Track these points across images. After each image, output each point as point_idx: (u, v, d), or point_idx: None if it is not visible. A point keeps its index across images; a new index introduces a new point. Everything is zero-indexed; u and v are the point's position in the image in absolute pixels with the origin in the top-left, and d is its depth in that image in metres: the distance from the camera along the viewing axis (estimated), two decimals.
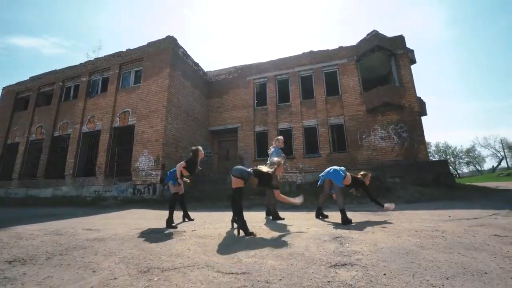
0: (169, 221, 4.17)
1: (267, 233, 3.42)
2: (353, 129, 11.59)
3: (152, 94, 11.00)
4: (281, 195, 3.60)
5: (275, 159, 3.85)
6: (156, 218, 5.51)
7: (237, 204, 3.49)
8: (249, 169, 3.60)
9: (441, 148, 41.42)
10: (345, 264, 2.13)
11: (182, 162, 4.47)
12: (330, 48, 12.99)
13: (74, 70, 13.42)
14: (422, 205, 5.95)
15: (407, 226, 3.41)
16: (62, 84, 13.60)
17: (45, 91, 14.27)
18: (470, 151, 41.21)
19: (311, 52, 13.12)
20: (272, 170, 3.61)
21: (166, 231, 3.78)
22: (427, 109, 12.89)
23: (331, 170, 4.46)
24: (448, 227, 3.26)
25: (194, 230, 3.78)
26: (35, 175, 12.70)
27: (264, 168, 3.62)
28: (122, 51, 12.30)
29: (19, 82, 15.05)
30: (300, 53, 13.37)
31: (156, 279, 2.03)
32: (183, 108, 11.81)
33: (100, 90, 12.59)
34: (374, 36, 11.48)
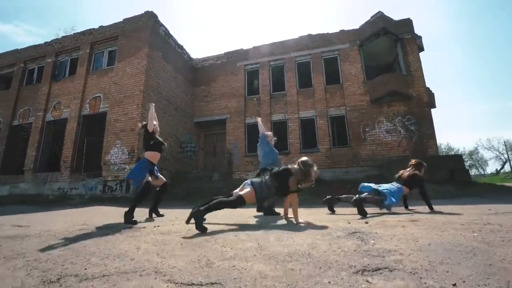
0: (128, 215, 3.34)
1: (254, 227, 2.65)
2: (356, 122, 10.97)
3: (127, 77, 10.10)
4: (297, 200, 3.04)
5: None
6: (119, 215, 4.64)
7: (223, 204, 2.81)
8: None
9: (443, 150, 41.59)
10: (380, 269, 1.38)
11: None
12: (331, 31, 12.38)
13: (38, 50, 12.34)
14: (441, 202, 5.31)
15: (443, 219, 2.71)
16: (23, 65, 12.49)
17: (3, 73, 13.09)
18: (473, 153, 41.56)
19: (310, 36, 12.47)
20: (303, 165, 3.00)
21: (123, 227, 2.97)
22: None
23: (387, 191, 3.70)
24: (501, 220, 2.56)
25: (158, 226, 2.98)
26: None
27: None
28: (94, 29, 11.35)
29: None
30: (297, 36, 12.71)
31: None
32: (164, 95, 10.94)
33: (68, 73, 11.57)
34: (380, 18, 10.92)
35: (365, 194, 3.74)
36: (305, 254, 1.66)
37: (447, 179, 8.53)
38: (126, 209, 3.43)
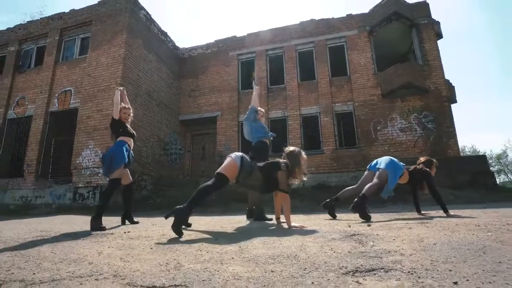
0: (95, 220, 3.29)
1: (239, 232, 2.63)
2: (365, 118, 11.01)
3: (102, 67, 10.09)
4: (288, 199, 2.96)
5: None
6: (87, 223, 4.61)
7: (203, 191, 2.76)
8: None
9: (468, 152, 41.76)
10: (374, 270, 1.37)
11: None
12: (336, 16, 12.47)
13: (0, 37, 12.32)
14: (461, 207, 5.32)
15: (458, 221, 2.71)
16: None
17: None
18: (501, 157, 41.74)
19: (312, 21, 12.56)
20: (288, 159, 2.91)
21: (89, 233, 2.94)
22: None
23: (388, 161, 3.86)
24: None
25: (128, 232, 2.95)
26: None
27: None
28: (64, 12, 11.36)
29: None
30: (298, 22, 12.79)
31: None
32: (144, 88, 10.94)
33: (34, 64, 11.55)
34: (392, 0, 11.03)
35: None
36: (291, 256, 1.65)
37: (470, 183, 8.57)
38: (106, 218, 3.39)
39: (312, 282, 1.23)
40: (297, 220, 4.13)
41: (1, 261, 1.84)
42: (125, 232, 2.91)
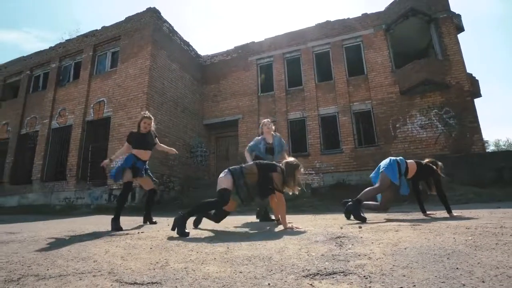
0: (114, 221, 3.58)
1: (237, 233, 2.75)
2: (384, 117, 10.70)
3: (130, 78, 10.66)
4: (283, 200, 3.03)
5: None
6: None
7: (207, 205, 3.01)
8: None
9: (503, 146, 38.79)
10: (334, 273, 1.43)
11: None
12: (352, 16, 12.20)
13: (42, 56, 13.40)
14: (478, 206, 5.06)
15: (453, 223, 2.64)
16: (30, 72, 13.62)
17: (12, 82, 14.37)
18: None
19: (328, 23, 12.39)
20: (284, 168, 3.00)
21: (108, 234, 3.20)
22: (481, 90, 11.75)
23: (386, 163, 3.79)
24: None
25: (142, 232, 3.18)
26: (1, 181, 12.66)
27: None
28: (96, 30, 12.13)
29: None
30: (314, 24, 12.68)
31: None
32: (169, 96, 11.39)
33: (72, 78, 12.44)
34: None
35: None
36: (266, 258, 1.74)
37: (495, 180, 8.06)
38: (124, 217, 3.67)
39: (269, 284, 1.32)
40: (303, 220, 4.18)
41: (26, 258, 2.10)
42: (138, 233, 3.14)
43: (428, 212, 3.85)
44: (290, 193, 3.04)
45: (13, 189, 12.11)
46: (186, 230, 2.84)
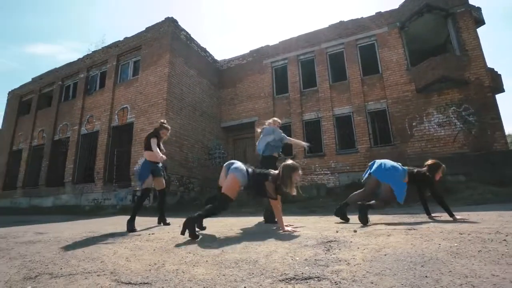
0: (129, 224, 3.81)
1: (239, 234, 2.86)
2: (400, 115, 10.41)
3: (151, 85, 11.07)
4: (278, 206, 3.07)
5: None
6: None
7: (213, 210, 3.11)
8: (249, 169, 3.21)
9: None
10: (310, 278, 1.50)
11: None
12: (365, 15, 11.96)
13: (72, 67, 14.20)
14: (493, 207, 4.85)
15: (449, 228, 2.59)
16: (61, 83, 14.47)
17: (46, 92, 15.33)
18: None
19: (341, 23, 12.21)
20: (282, 171, 3.01)
21: (123, 235, 3.42)
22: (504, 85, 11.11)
23: (387, 166, 3.64)
24: None
25: (152, 234, 3.37)
26: (38, 183, 13.56)
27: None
28: (119, 41, 12.68)
29: (22, 85, 16.42)
30: (327, 25, 12.54)
31: (29, 287, 1.67)
32: (188, 101, 11.71)
33: (99, 86, 13.10)
34: None
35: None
36: (252, 262, 1.83)
37: None
38: (144, 218, 3.90)
39: (245, 287, 1.42)
40: (308, 222, 4.22)
41: (46, 258, 2.33)
42: (149, 234, 3.34)
43: (433, 215, 3.76)
44: (291, 194, 3.07)
45: (48, 191, 12.93)
46: (197, 234, 3.00)
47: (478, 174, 8.00)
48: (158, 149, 4.11)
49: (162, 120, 4.53)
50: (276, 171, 3.13)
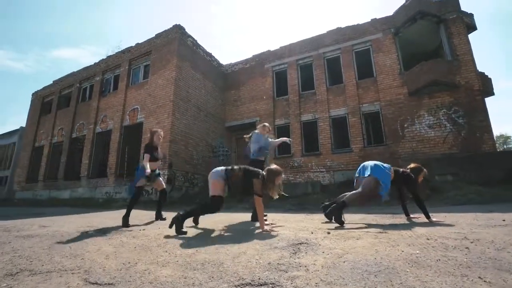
0: (124, 219, 3.81)
1: (222, 232, 2.80)
2: (392, 117, 10.19)
3: (159, 88, 11.08)
4: (261, 204, 3.02)
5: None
6: (134, 218, 5.23)
7: (203, 209, 3.19)
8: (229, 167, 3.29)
9: None
10: (265, 284, 1.44)
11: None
12: (361, 22, 11.71)
13: (89, 71, 14.31)
14: (473, 208, 4.68)
15: (419, 232, 2.49)
16: (79, 85, 14.62)
17: (65, 93, 15.51)
18: None
19: (338, 29, 11.99)
20: (266, 174, 3.02)
21: (116, 230, 3.41)
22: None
23: (372, 165, 3.54)
24: (488, 235, 2.26)
25: (143, 230, 3.34)
26: (57, 177, 13.77)
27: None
28: (131, 46, 12.72)
29: (44, 87, 16.66)
30: (325, 31, 12.34)
31: (4, 285, 1.64)
32: (193, 102, 11.69)
33: (112, 88, 13.17)
34: (415, 0, 9.98)
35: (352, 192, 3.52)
36: (218, 264, 1.78)
37: (503, 180, 7.37)
38: (146, 212, 3.89)
39: None
40: (292, 220, 4.14)
41: (35, 253, 2.30)
42: (139, 230, 3.31)
43: (412, 216, 3.63)
44: (275, 196, 3.04)
45: (66, 184, 13.12)
46: (183, 229, 2.99)
47: (466, 174, 7.78)
48: (148, 164, 4.14)
49: (153, 130, 4.52)
50: (262, 172, 3.08)
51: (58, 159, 14.13)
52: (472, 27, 10.40)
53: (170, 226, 3.10)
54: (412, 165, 3.65)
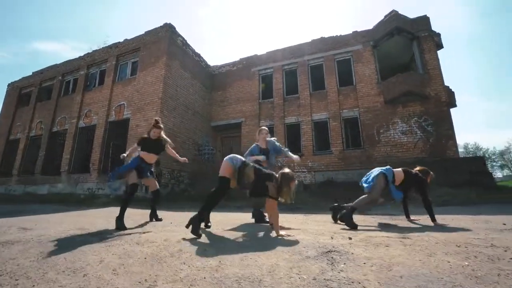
0: (119, 221, 3.29)
1: (233, 237, 2.44)
2: (369, 123, 10.34)
3: (147, 85, 10.35)
4: (275, 208, 2.71)
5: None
6: (125, 217, 4.67)
7: (212, 197, 2.79)
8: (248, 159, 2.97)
9: (471, 149, 38.28)
10: None
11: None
12: (343, 33, 11.80)
13: (73, 64, 13.10)
14: (456, 209, 4.73)
15: (440, 237, 2.31)
16: (62, 78, 13.33)
17: (46, 86, 14.09)
18: (504, 153, 37.81)
19: (322, 39, 12.00)
20: (280, 179, 2.67)
21: (112, 234, 2.91)
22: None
23: (376, 174, 3.35)
24: (508, 241, 2.12)
25: (143, 233, 2.87)
26: (34, 172, 12.43)
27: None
28: (119, 42, 11.81)
29: (23, 78, 15.02)
30: (309, 40, 12.28)
31: None
32: (181, 101, 11.07)
33: (98, 83, 12.14)
34: (393, 17, 10.21)
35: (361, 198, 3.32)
36: (256, 280, 1.43)
37: (467, 183, 7.70)
38: (135, 210, 3.38)
39: None
40: (295, 221, 3.87)
41: (20, 267, 1.78)
42: (140, 233, 2.84)
43: (412, 218, 3.52)
44: (283, 201, 2.72)
45: (44, 179, 11.88)
46: (200, 233, 2.62)
47: (437, 177, 7.99)
48: (133, 152, 3.77)
49: (156, 118, 3.95)
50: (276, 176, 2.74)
51: (35, 153, 12.76)
52: (440, 46, 10.85)
53: (187, 226, 2.71)
54: (419, 168, 3.53)
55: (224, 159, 2.91)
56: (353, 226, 2.92)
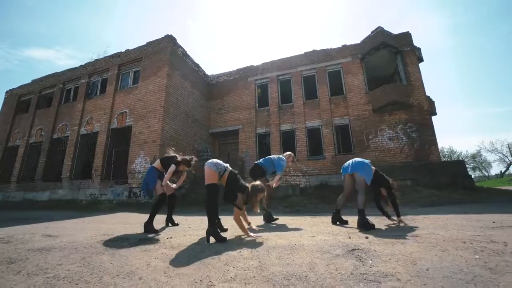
0: (148, 226, 3.34)
1: (256, 238, 2.55)
2: (359, 130, 10.68)
3: (150, 94, 10.32)
4: (240, 217, 2.85)
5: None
6: (139, 222, 4.66)
7: (211, 207, 2.78)
8: (227, 165, 2.98)
9: (446, 153, 39.80)
10: None
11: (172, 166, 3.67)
12: (334, 47, 12.20)
13: (74, 72, 12.89)
14: (444, 209, 5.00)
15: (445, 235, 2.50)
16: (62, 86, 13.07)
17: (46, 93, 13.75)
18: (475, 156, 39.53)
19: (314, 52, 12.36)
20: (250, 190, 2.76)
21: (140, 238, 2.95)
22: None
23: (356, 162, 3.49)
24: (505, 236, 2.34)
25: (170, 238, 2.94)
26: (34, 178, 12.04)
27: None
28: (121, 52, 11.73)
29: (21, 85, 14.61)
30: (302, 52, 12.63)
31: None
32: (182, 109, 11.09)
33: (99, 92, 11.99)
34: (379, 33, 10.68)
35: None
36: (302, 277, 1.56)
37: (449, 184, 8.09)
38: (145, 215, 3.42)
39: None
40: (304, 223, 4.00)
41: (73, 273, 1.82)
42: (167, 239, 2.90)
43: (393, 218, 3.58)
44: (254, 210, 2.85)
45: (44, 185, 11.53)
46: (224, 236, 2.73)
47: (422, 179, 8.37)
48: (169, 177, 3.66)
49: (196, 159, 3.90)
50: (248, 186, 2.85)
51: (35, 159, 12.39)
52: (421, 59, 11.40)
53: (208, 241, 2.66)
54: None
55: (207, 165, 2.87)
56: (371, 228, 3.02)
